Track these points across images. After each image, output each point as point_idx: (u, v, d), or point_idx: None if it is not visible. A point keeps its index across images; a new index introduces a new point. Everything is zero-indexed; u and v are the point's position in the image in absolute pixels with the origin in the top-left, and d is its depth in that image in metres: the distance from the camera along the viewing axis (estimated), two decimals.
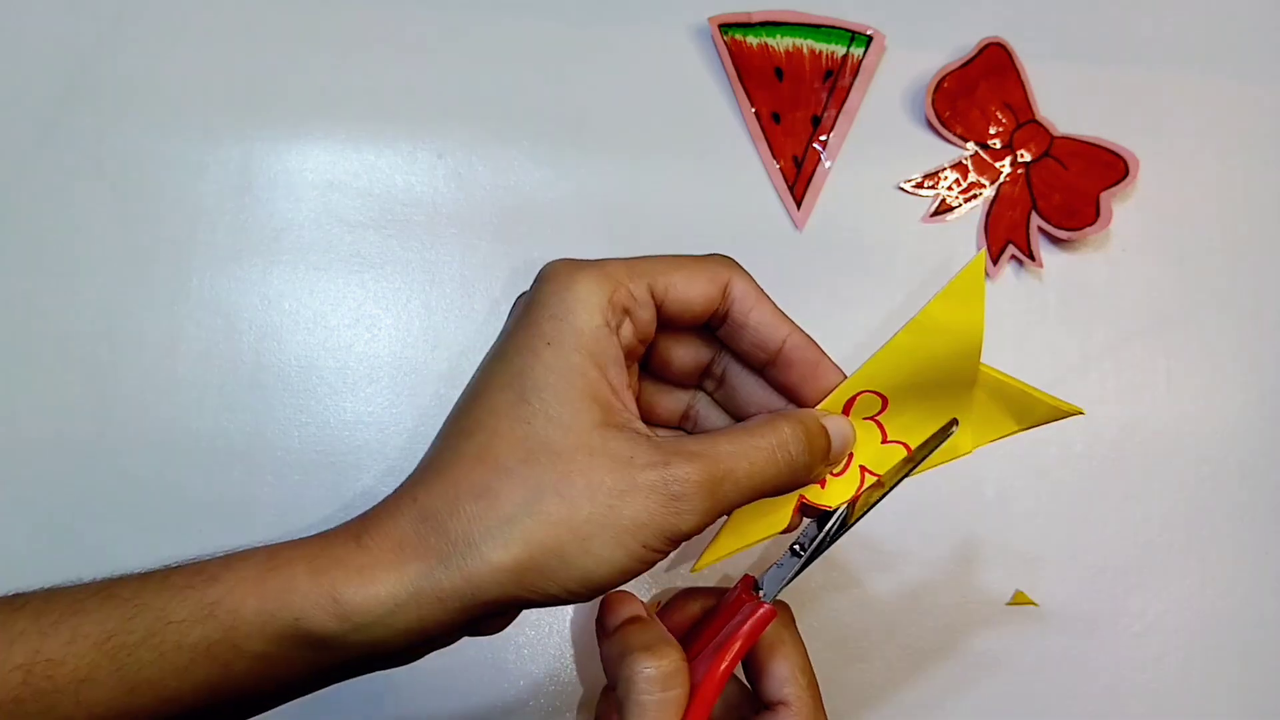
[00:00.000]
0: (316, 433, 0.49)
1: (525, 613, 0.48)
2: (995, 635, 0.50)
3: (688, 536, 0.30)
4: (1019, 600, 0.50)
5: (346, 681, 0.32)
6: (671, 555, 0.32)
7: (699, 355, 0.36)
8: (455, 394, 0.49)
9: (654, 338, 0.35)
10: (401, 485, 0.31)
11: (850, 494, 0.35)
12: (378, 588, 0.28)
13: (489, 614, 0.30)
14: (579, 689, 0.48)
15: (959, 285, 0.34)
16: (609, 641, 0.35)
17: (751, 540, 0.35)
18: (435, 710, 0.47)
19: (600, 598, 0.35)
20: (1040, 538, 0.51)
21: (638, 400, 0.35)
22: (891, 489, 0.35)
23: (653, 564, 0.30)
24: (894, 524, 0.50)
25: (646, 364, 0.36)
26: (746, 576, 0.36)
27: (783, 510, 0.35)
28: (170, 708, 0.28)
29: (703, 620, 0.38)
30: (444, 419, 0.33)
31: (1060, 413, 0.35)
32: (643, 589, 0.49)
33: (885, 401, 0.35)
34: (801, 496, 0.35)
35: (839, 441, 0.34)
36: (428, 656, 0.32)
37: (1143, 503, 0.51)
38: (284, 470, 0.48)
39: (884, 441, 0.36)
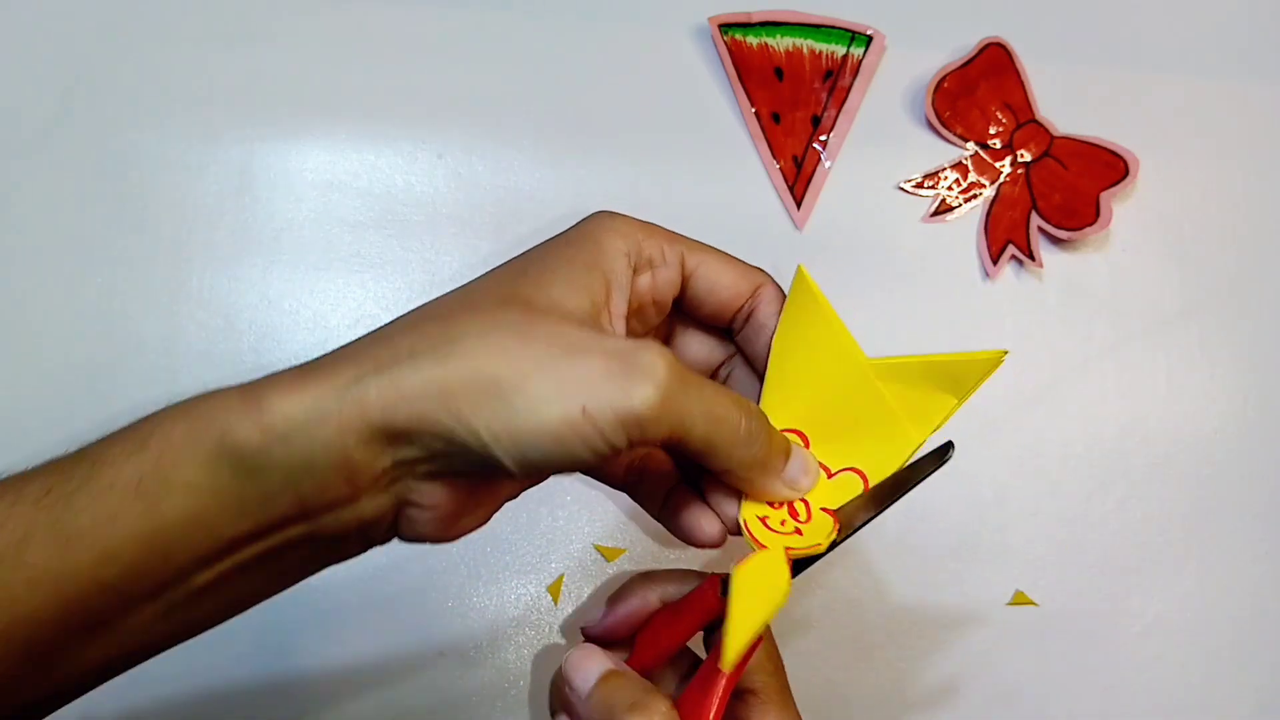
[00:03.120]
0: None
1: (526, 611, 0.48)
2: (995, 635, 0.50)
3: (637, 421, 0.27)
4: (1019, 600, 0.50)
5: (370, 666, 0.30)
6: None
7: (711, 355, 0.36)
8: None
9: (672, 327, 0.34)
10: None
11: (829, 530, 0.33)
12: (304, 394, 0.27)
13: (416, 452, 0.27)
14: None
15: (794, 303, 0.33)
16: (586, 704, 0.32)
17: (765, 617, 0.31)
18: (434, 710, 0.47)
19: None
20: (1040, 538, 0.51)
21: None
22: (872, 516, 0.33)
23: (591, 447, 0.27)
24: (894, 524, 0.50)
25: None
26: (714, 576, 0.35)
27: (777, 571, 0.32)
28: (107, 566, 0.26)
29: (662, 612, 0.36)
30: None
31: (986, 365, 0.32)
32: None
33: (805, 438, 0.34)
34: (788, 550, 0.33)
35: (799, 460, 0.33)
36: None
37: (1142, 503, 0.51)
38: None
39: (830, 476, 0.34)
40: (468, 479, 0.29)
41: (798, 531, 0.33)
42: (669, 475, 0.35)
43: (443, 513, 0.30)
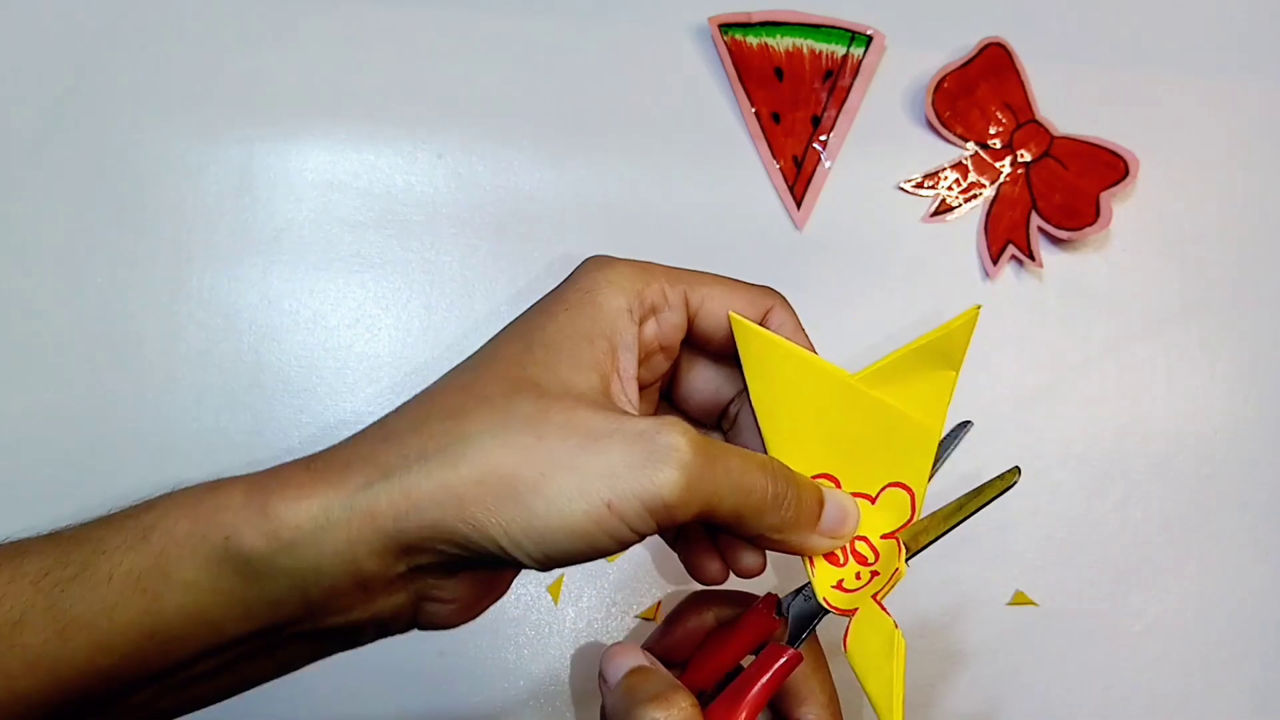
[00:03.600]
0: (317, 433, 0.49)
1: (526, 611, 0.48)
2: (995, 635, 0.50)
3: (665, 508, 0.26)
4: (1019, 600, 0.50)
5: (370, 666, 0.30)
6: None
7: (720, 391, 0.35)
8: None
9: (680, 362, 0.33)
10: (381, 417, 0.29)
11: (899, 555, 0.33)
12: (311, 502, 0.25)
13: (430, 559, 0.26)
14: (574, 688, 0.48)
15: (747, 352, 0.32)
16: (613, 692, 0.32)
17: (900, 671, 0.31)
18: (434, 710, 0.47)
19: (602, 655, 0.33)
20: (1040, 538, 0.51)
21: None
22: (949, 531, 0.33)
23: (618, 539, 0.26)
24: None
25: (668, 393, 0.35)
26: (769, 595, 0.35)
27: (879, 623, 0.32)
28: (103, 655, 0.26)
29: (717, 632, 0.35)
30: None
31: (966, 327, 0.31)
32: (651, 596, 0.49)
33: (835, 480, 0.33)
34: (875, 597, 0.32)
35: (835, 508, 0.32)
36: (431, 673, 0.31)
37: (1142, 502, 0.51)
38: None
39: (874, 501, 0.33)
40: (487, 570, 0.29)
41: (875, 574, 0.33)
42: None
43: (462, 604, 0.29)
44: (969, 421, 0.34)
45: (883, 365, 0.32)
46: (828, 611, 0.33)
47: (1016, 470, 0.32)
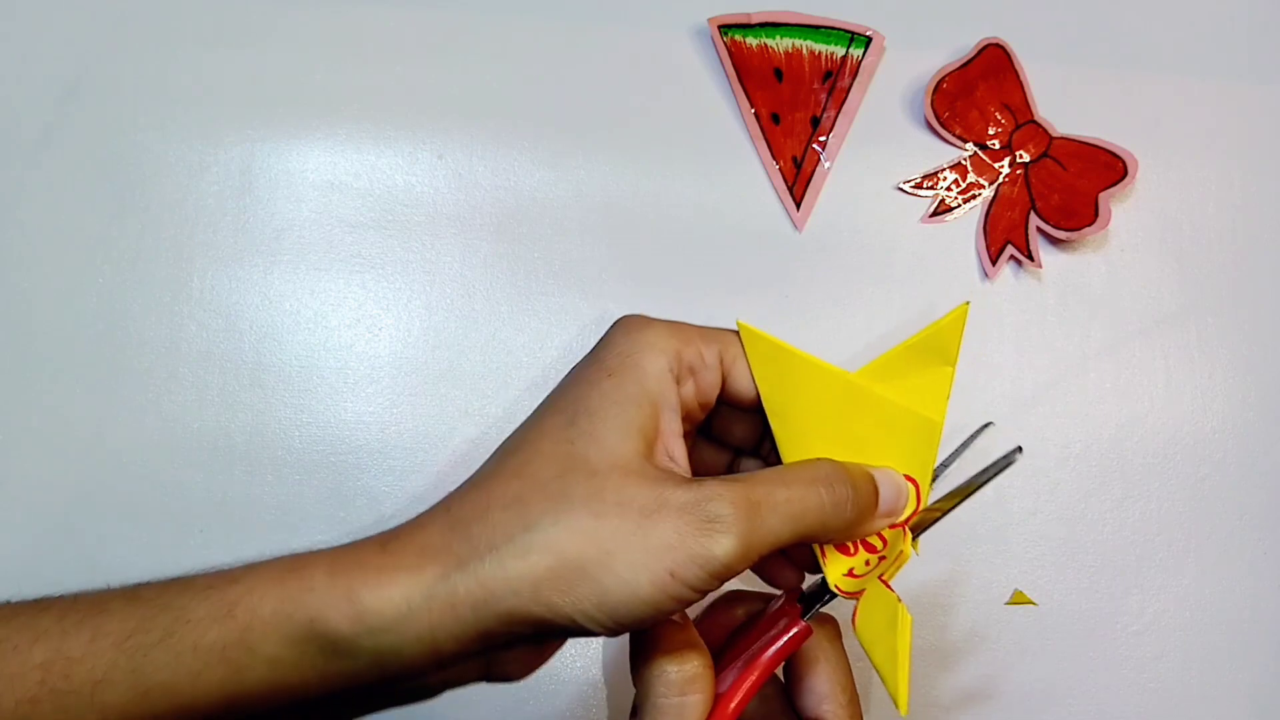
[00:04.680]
0: (317, 433, 0.49)
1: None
2: (994, 634, 0.50)
3: (723, 568, 0.28)
4: (1018, 599, 0.50)
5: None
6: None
7: (752, 430, 0.36)
8: (456, 394, 0.50)
9: (717, 413, 0.34)
10: (442, 499, 0.31)
11: (905, 540, 0.34)
12: (393, 590, 0.27)
13: (505, 638, 0.28)
14: (600, 677, 0.48)
15: (755, 358, 0.33)
16: (636, 643, 0.34)
17: (907, 649, 0.33)
18: (434, 709, 0.47)
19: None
20: (1039, 537, 0.51)
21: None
22: (952, 508, 0.35)
23: (683, 602, 0.28)
24: None
25: (706, 427, 0.36)
26: (793, 589, 0.36)
27: (886, 603, 0.33)
28: (183, 715, 0.27)
29: (745, 626, 0.37)
30: (444, 418, 0.32)
31: (958, 323, 0.33)
32: None
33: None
34: (881, 579, 0.34)
35: (888, 488, 0.33)
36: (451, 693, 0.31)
37: (1141, 502, 0.52)
38: (284, 470, 0.48)
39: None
40: (557, 639, 0.31)
41: (882, 559, 0.34)
42: None
43: (528, 663, 0.32)
44: (990, 423, 0.35)
45: (879, 363, 0.33)
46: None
47: (1018, 449, 0.33)
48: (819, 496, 0.31)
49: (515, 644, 0.30)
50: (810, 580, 0.36)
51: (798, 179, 0.53)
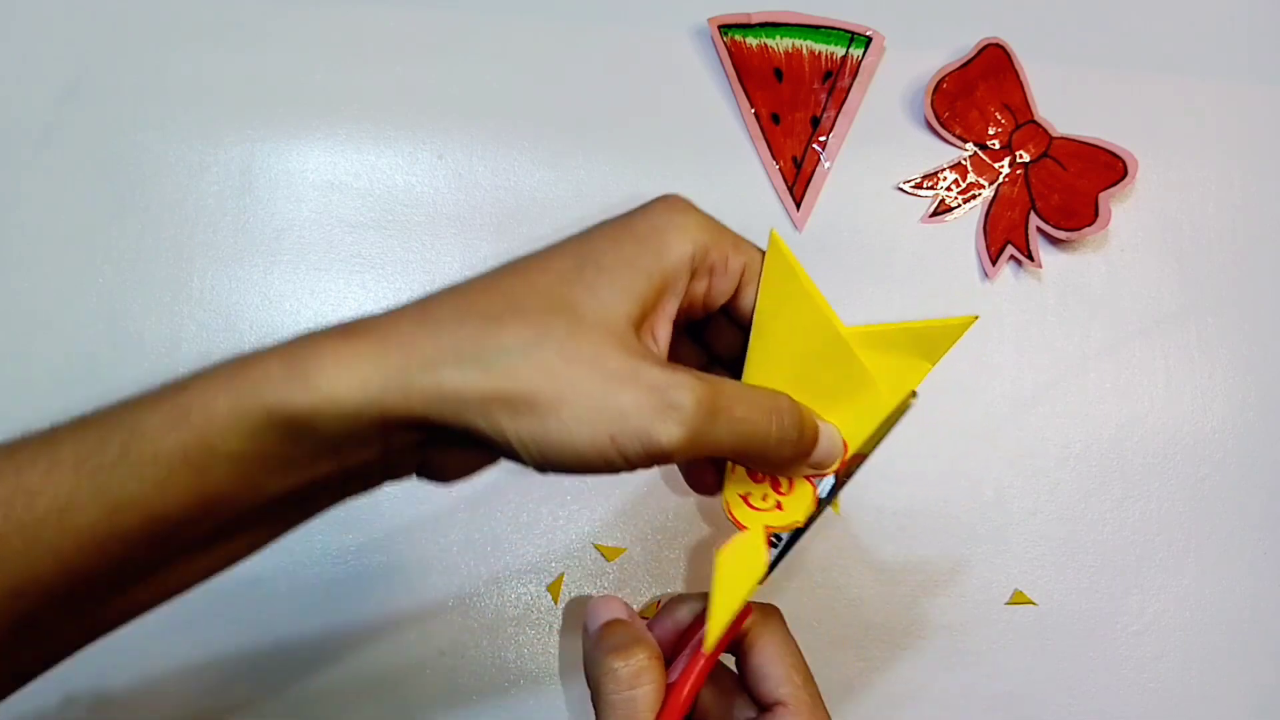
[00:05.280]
0: None
1: (526, 611, 0.48)
2: (994, 634, 0.50)
3: (662, 453, 0.28)
4: (1018, 599, 0.50)
5: (371, 665, 0.31)
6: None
7: (736, 345, 0.36)
8: None
9: (712, 317, 0.34)
10: (417, 299, 0.30)
11: (809, 503, 0.35)
12: (351, 374, 0.27)
13: (446, 435, 0.29)
14: (574, 687, 0.48)
15: (770, 270, 0.34)
16: (589, 640, 0.35)
17: (743, 596, 0.34)
18: (434, 709, 0.47)
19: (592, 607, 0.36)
20: (1039, 537, 0.51)
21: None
22: (866, 458, 0.35)
23: (612, 467, 0.29)
24: (893, 524, 0.50)
25: (695, 329, 0.36)
26: None
27: (756, 552, 0.34)
28: (154, 525, 0.27)
29: (694, 624, 0.37)
30: None
31: (958, 329, 0.33)
32: (639, 596, 0.49)
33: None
34: (767, 529, 0.34)
35: (826, 440, 0.34)
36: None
37: (1141, 502, 0.52)
38: None
39: None
40: (492, 453, 0.30)
41: (778, 506, 0.35)
42: None
43: (462, 469, 0.32)
44: (914, 392, 0.34)
45: (873, 330, 0.34)
46: (779, 561, 0.35)
47: (913, 394, 0.34)
48: (769, 426, 0.31)
49: (452, 444, 0.30)
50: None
51: (798, 179, 0.53)
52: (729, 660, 0.38)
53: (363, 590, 0.47)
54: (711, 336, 0.36)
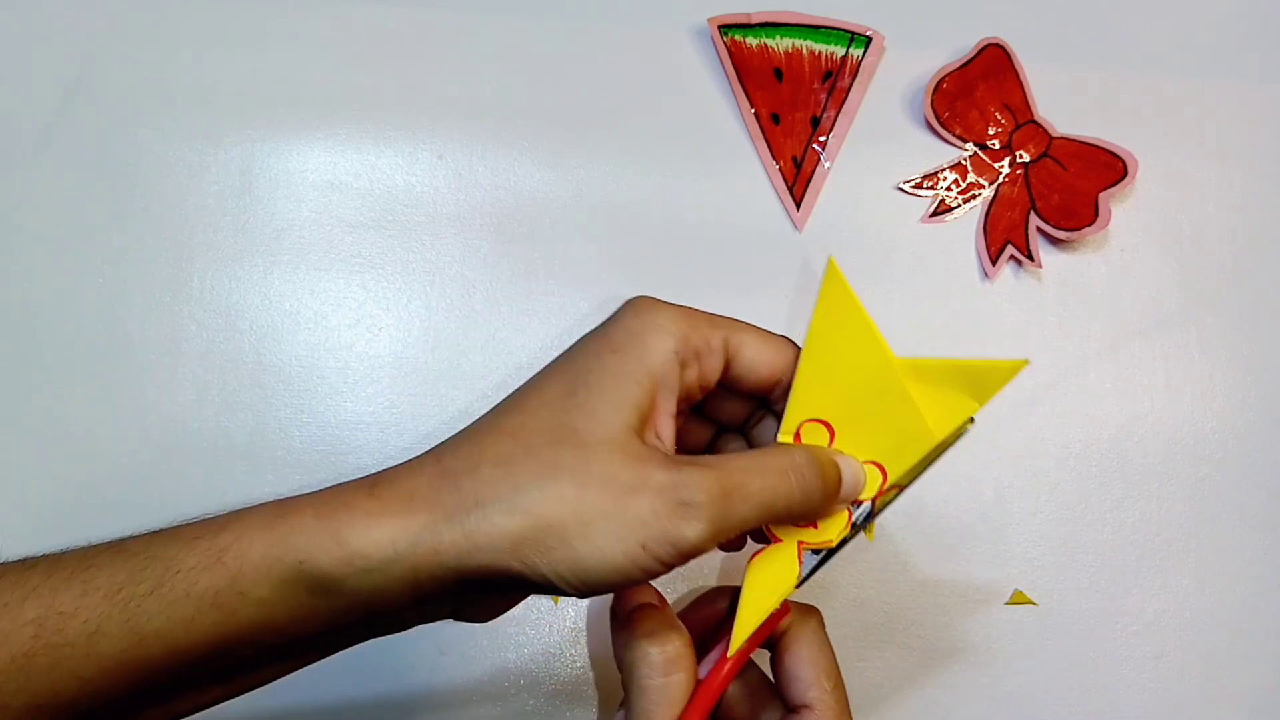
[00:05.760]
0: (317, 432, 0.49)
1: (526, 611, 0.48)
2: (994, 634, 0.50)
3: (692, 548, 0.30)
4: (1018, 599, 0.50)
5: (370, 666, 0.31)
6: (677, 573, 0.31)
7: (742, 411, 0.37)
8: (456, 394, 0.50)
9: (712, 392, 0.35)
10: (432, 448, 0.31)
11: (843, 524, 0.35)
12: (381, 533, 0.28)
13: (480, 585, 0.30)
14: (589, 670, 0.48)
15: (826, 295, 0.34)
16: (619, 629, 0.35)
17: (771, 606, 0.34)
18: (434, 709, 0.47)
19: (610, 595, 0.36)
20: (1039, 537, 0.51)
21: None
22: (905, 488, 0.35)
23: (651, 574, 0.30)
24: (893, 524, 0.50)
25: (699, 406, 0.37)
26: None
27: (788, 564, 0.35)
28: (177, 659, 0.28)
29: (728, 618, 0.37)
30: (444, 418, 0.33)
31: (1007, 372, 0.34)
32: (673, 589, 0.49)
33: (831, 430, 0.35)
34: (800, 543, 0.35)
35: (849, 476, 0.34)
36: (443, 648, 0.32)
37: (1141, 502, 0.52)
38: (284, 470, 0.48)
39: None
40: (526, 592, 0.32)
41: (814, 525, 0.35)
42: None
43: (496, 609, 0.34)
44: (971, 418, 0.35)
45: (924, 363, 0.34)
46: (816, 570, 0.35)
47: (970, 420, 0.34)
48: (789, 485, 0.32)
49: (488, 591, 0.31)
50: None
51: (798, 179, 0.53)
52: (761, 659, 0.38)
53: None
54: (714, 409, 0.37)
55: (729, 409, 0.37)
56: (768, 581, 0.35)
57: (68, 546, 0.30)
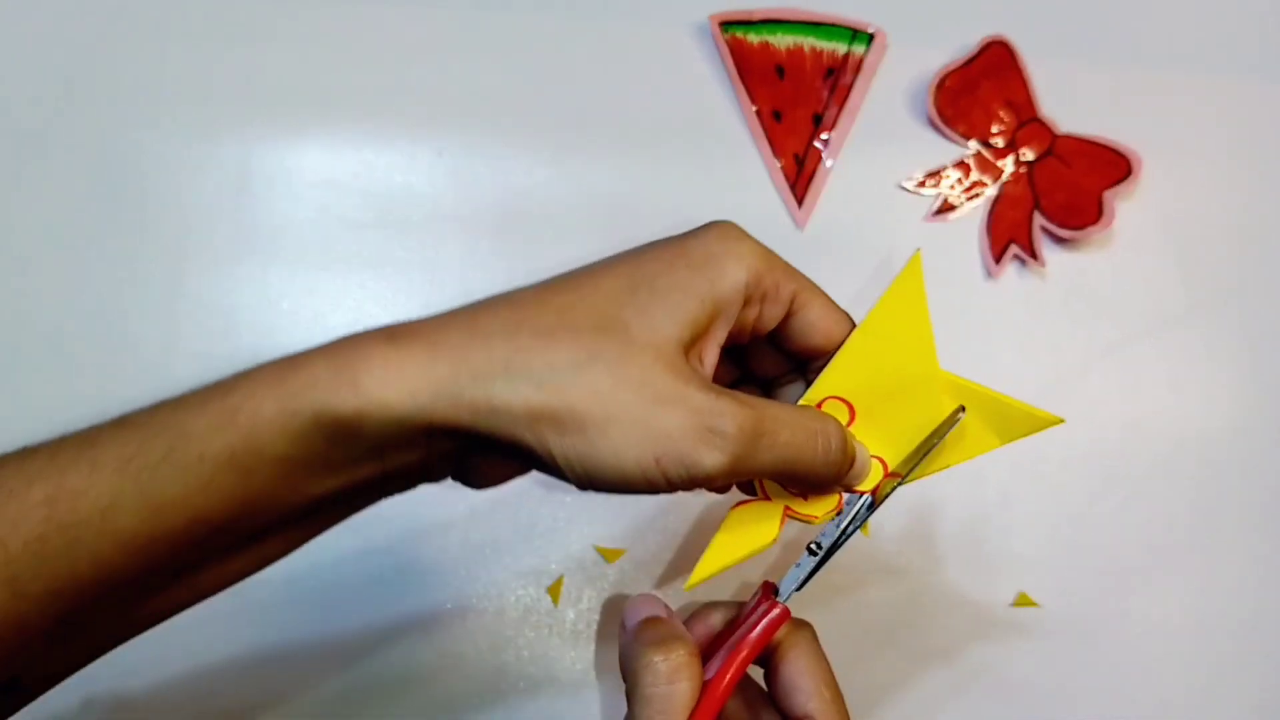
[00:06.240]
0: None
1: (526, 611, 0.48)
2: (998, 636, 0.49)
3: (705, 477, 0.29)
4: (1022, 601, 0.50)
5: (371, 668, 0.31)
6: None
7: (778, 369, 0.37)
8: None
9: (754, 341, 0.35)
10: (459, 307, 0.31)
11: (832, 506, 0.35)
12: (399, 380, 0.28)
13: (490, 445, 0.29)
14: (589, 674, 0.48)
15: (900, 286, 0.34)
16: (625, 638, 0.35)
17: (740, 555, 0.34)
18: (434, 710, 0.47)
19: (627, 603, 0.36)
20: (1043, 539, 0.50)
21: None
22: (904, 478, 0.35)
23: (655, 488, 0.29)
24: (896, 525, 0.50)
25: (738, 351, 0.37)
26: (766, 582, 0.37)
27: (770, 523, 0.35)
28: (197, 526, 0.27)
29: (725, 630, 0.38)
30: None
31: (1040, 423, 0.35)
32: (676, 602, 0.49)
33: (853, 412, 0.35)
34: (786, 509, 0.35)
35: (859, 463, 0.34)
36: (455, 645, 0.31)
37: (1145, 504, 0.51)
38: None
39: None
40: (532, 465, 0.31)
41: (804, 496, 0.35)
42: None
43: (497, 476, 0.33)
44: (962, 407, 0.35)
45: (965, 385, 0.35)
46: (816, 571, 0.36)
47: (961, 409, 0.35)
48: (814, 447, 0.32)
49: (491, 452, 0.30)
50: (788, 576, 0.36)
51: (800, 177, 0.52)
52: (756, 673, 0.38)
53: (364, 594, 0.47)
54: (752, 359, 0.37)
55: (766, 361, 0.36)
56: (745, 534, 0.35)
57: (65, 431, 0.29)
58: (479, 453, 0.31)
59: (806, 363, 0.35)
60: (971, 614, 0.49)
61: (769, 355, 0.36)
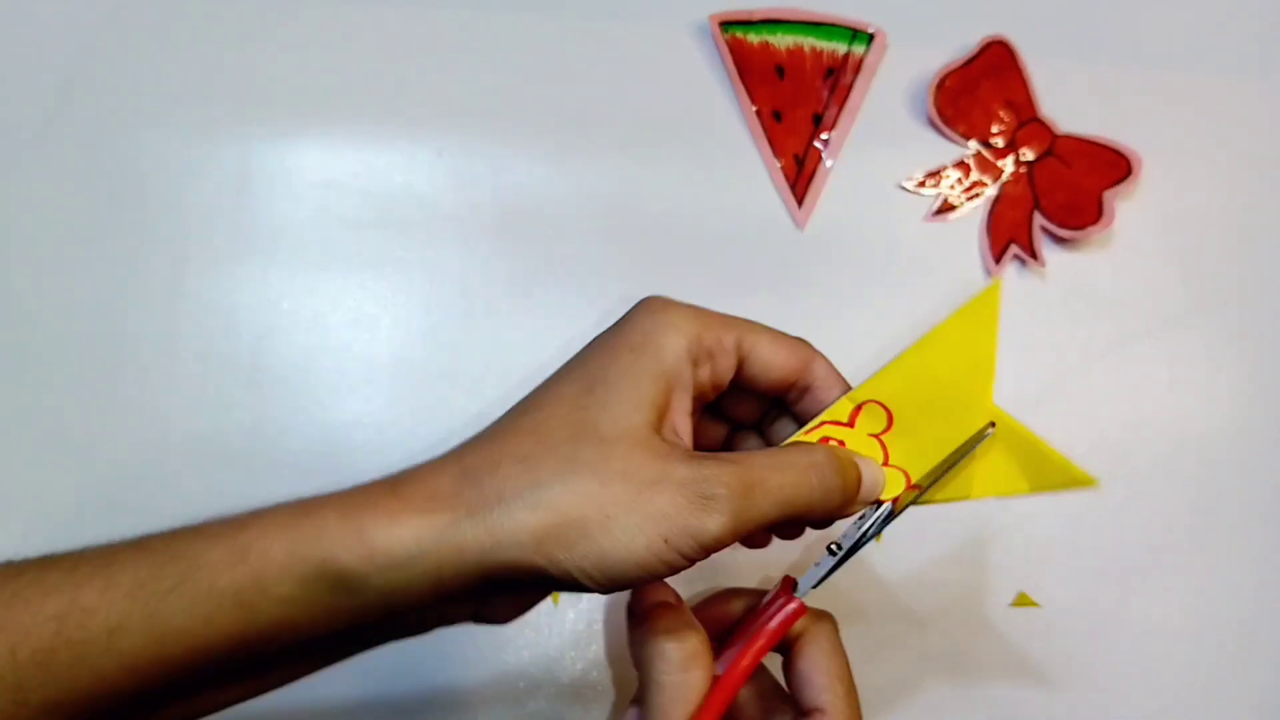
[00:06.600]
0: (315, 433, 0.48)
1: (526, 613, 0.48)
2: (998, 636, 0.49)
3: (714, 541, 0.30)
4: (1022, 601, 0.50)
5: (370, 667, 0.31)
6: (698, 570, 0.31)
7: (755, 410, 0.38)
8: (455, 394, 0.49)
9: (727, 391, 0.36)
10: (452, 449, 0.32)
11: (900, 485, 0.36)
12: (404, 531, 0.29)
13: (503, 583, 0.30)
14: (593, 671, 0.48)
15: (974, 310, 0.35)
16: (636, 626, 0.35)
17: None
18: (434, 710, 0.47)
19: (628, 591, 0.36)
20: (1043, 539, 0.50)
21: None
22: (926, 490, 0.36)
23: (674, 567, 0.30)
24: (897, 525, 0.49)
25: (715, 405, 0.37)
26: (786, 577, 0.37)
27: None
28: (197, 658, 0.28)
29: (742, 619, 0.38)
30: (443, 419, 0.33)
31: (1074, 480, 0.35)
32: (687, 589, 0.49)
33: (890, 420, 0.35)
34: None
35: (869, 479, 0.35)
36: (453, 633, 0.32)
37: (1145, 503, 0.51)
38: (282, 470, 0.48)
39: (885, 464, 0.36)
40: (548, 590, 0.32)
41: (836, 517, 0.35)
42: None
43: (516, 610, 0.34)
44: (993, 424, 0.36)
45: (1013, 425, 0.36)
46: (833, 571, 0.36)
47: (991, 425, 0.35)
48: (810, 483, 0.32)
49: (510, 589, 0.31)
50: (808, 574, 0.37)
51: (799, 177, 0.52)
52: (773, 664, 0.38)
53: None
54: (729, 408, 0.37)
55: (744, 408, 0.37)
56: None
57: (86, 545, 0.30)
58: (492, 592, 0.31)
59: (782, 397, 0.36)
60: (971, 614, 0.49)
61: (745, 401, 0.37)
